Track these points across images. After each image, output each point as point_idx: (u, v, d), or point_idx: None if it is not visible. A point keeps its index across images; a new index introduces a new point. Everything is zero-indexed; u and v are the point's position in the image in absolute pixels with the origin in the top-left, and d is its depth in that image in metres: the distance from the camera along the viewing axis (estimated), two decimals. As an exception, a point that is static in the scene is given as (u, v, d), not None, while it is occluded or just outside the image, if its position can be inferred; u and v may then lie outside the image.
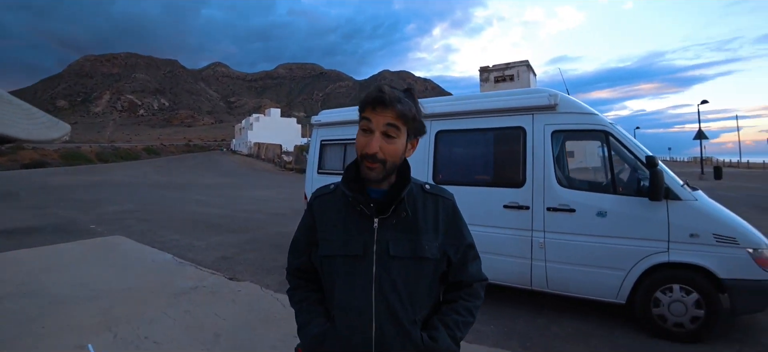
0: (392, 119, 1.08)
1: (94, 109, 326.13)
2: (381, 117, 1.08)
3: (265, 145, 51.64)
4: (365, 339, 1.10)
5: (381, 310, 1.10)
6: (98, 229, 8.63)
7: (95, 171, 32.40)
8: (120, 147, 61.77)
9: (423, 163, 4.60)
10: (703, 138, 25.84)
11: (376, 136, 1.09)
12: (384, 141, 1.09)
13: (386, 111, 1.08)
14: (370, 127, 1.09)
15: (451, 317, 1.17)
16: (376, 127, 1.09)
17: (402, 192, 1.13)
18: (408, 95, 1.13)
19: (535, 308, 4.20)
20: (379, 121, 1.08)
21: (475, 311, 1.22)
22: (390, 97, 1.07)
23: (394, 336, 1.10)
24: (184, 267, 5.67)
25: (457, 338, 1.16)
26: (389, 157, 1.10)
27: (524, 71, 29.99)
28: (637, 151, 3.73)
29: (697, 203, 3.51)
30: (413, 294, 1.13)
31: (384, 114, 1.08)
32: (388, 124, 1.08)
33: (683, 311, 3.43)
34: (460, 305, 1.21)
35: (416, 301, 1.14)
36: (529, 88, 5.25)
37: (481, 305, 1.25)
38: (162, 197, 15.57)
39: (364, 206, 1.13)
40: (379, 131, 1.09)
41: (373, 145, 1.08)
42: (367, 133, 1.10)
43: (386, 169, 1.11)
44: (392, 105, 1.07)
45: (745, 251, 3.32)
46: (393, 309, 1.10)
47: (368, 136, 1.10)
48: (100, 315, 3.85)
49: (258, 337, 3.50)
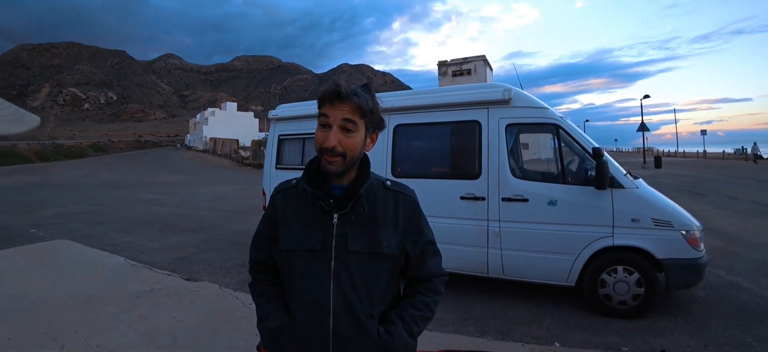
0: (349, 113, 1.10)
1: (31, 104, 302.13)
2: (338, 111, 1.10)
3: (221, 141, 49.99)
4: (322, 333, 1.12)
5: (338, 304, 1.12)
6: (39, 233, 8.06)
7: (34, 171, 30.18)
8: (63, 144, 57.71)
9: (382, 156, 4.64)
10: (645, 130, 27.64)
11: (334, 130, 1.10)
12: (342, 135, 1.10)
13: (343, 105, 1.09)
14: (328, 122, 1.10)
15: (409, 311, 1.20)
16: (334, 122, 1.10)
17: (361, 188, 1.15)
18: (365, 90, 1.14)
19: (492, 294, 4.37)
20: (337, 115, 1.10)
21: (433, 306, 1.24)
22: (347, 91, 1.09)
23: (351, 330, 1.12)
24: (137, 270, 5.43)
25: (413, 332, 1.18)
26: (348, 150, 1.11)
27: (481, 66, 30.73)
28: (585, 143, 3.95)
29: (639, 190, 3.79)
30: (371, 289, 1.16)
31: (341, 108, 1.09)
32: (346, 119, 1.10)
33: (626, 290, 3.71)
34: (418, 299, 1.23)
35: (374, 296, 1.17)
36: (485, 83, 5.41)
37: (440, 300, 1.28)
38: (112, 197, 14.76)
39: (324, 202, 1.14)
40: (337, 125, 1.10)
41: (332, 139, 1.09)
42: (326, 128, 1.11)
43: (346, 163, 1.12)
44: (349, 99, 1.09)
45: (679, 233, 3.63)
46: (350, 303, 1.13)
47: (327, 131, 1.11)
48: (44, 327, 3.62)
49: (218, 337, 3.43)
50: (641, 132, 27.91)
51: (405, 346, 1.16)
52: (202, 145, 58.43)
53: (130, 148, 68.51)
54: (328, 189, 1.17)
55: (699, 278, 3.73)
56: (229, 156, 44.24)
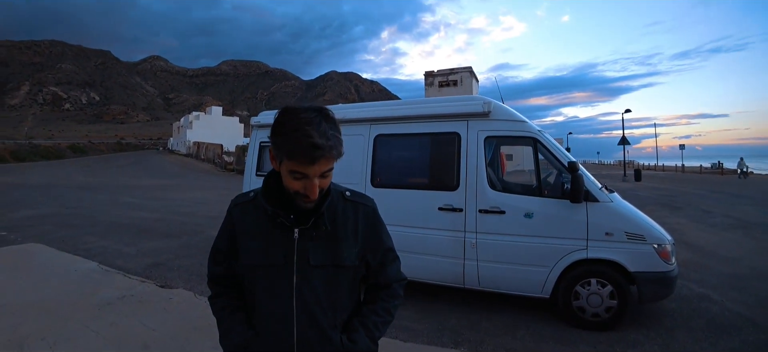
0: (327, 166, 1.05)
1: (9, 102, 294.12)
2: (318, 167, 1.03)
3: (204, 145, 49.39)
4: (287, 345, 1.13)
5: (302, 317, 1.13)
6: (10, 236, 7.81)
7: (9, 171, 29.33)
8: (40, 144, 56.20)
9: (361, 166, 4.65)
10: (626, 144, 28.35)
11: (315, 182, 1.05)
12: (321, 181, 1.07)
13: (323, 162, 1.03)
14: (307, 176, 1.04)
15: (371, 318, 1.23)
16: (313, 176, 1.04)
17: (322, 206, 1.14)
18: (329, 122, 1.05)
19: (467, 305, 4.39)
20: (316, 171, 1.04)
21: (393, 310, 1.28)
22: (327, 148, 1.01)
23: (315, 341, 1.14)
24: (110, 276, 5.30)
25: (375, 337, 1.22)
26: (326, 187, 1.12)
27: (467, 77, 31.14)
28: (561, 156, 4.03)
29: (613, 204, 3.87)
30: (334, 300, 1.18)
31: (321, 163, 1.03)
32: (323, 173, 1.06)
33: (599, 302, 3.77)
34: (378, 305, 1.26)
35: (337, 306, 1.19)
36: (465, 95, 5.47)
37: (400, 303, 1.31)
38: (88, 200, 14.41)
39: (284, 219, 1.14)
40: (316, 177, 1.05)
41: (315, 191, 1.06)
42: (301, 178, 1.05)
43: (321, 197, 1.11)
44: (329, 153, 1.02)
45: (651, 246, 3.71)
46: (314, 316, 1.14)
47: (303, 181, 1.05)
48: (9, 332, 3.50)
49: (191, 346, 3.36)
50: (622, 145, 28.59)
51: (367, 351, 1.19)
52: (186, 150, 57.63)
53: (110, 150, 67.13)
54: (287, 204, 1.16)
55: (670, 291, 3.82)
56: (213, 161, 43.71)
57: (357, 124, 4.80)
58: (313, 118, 1.02)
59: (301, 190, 1.06)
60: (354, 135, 4.76)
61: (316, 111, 1.05)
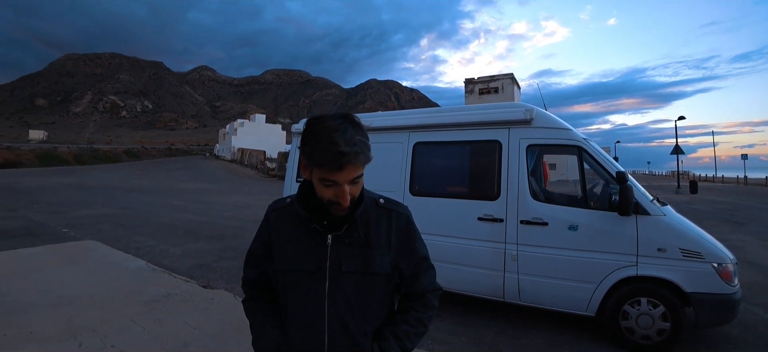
0: (356, 172, 1.04)
1: (74, 109, 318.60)
2: (347, 174, 1.03)
3: (248, 151, 51.16)
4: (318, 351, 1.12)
5: (333, 324, 1.12)
6: (70, 233, 8.40)
7: (72, 173, 31.61)
8: (99, 149, 60.39)
9: (400, 174, 4.62)
10: (680, 153, 26.64)
11: (345, 189, 1.05)
12: (352, 187, 1.07)
13: (351, 168, 1.03)
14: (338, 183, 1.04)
15: (402, 327, 1.20)
16: (343, 182, 1.04)
17: (355, 212, 1.13)
18: (355, 128, 1.05)
19: (507, 320, 4.23)
20: (346, 178, 1.03)
21: (427, 321, 1.25)
22: (353, 154, 1.01)
23: (345, 348, 1.12)
24: (157, 274, 5.55)
25: (406, 348, 1.19)
26: (357, 193, 1.11)
27: (509, 84, 30.51)
28: (609, 166, 3.82)
29: (666, 218, 3.60)
30: (365, 308, 1.16)
31: (349, 170, 1.03)
32: (352, 180, 1.05)
33: (650, 323, 3.50)
34: (411, 315, 1.23)
35: (368, 314, 1.17)
36: (507, 102, 5.33)
37: (434, 314, 1.28)
38: (140, 202, 15.26)
39: (318, 224, 1.14)
40: (347, 185, 1.05)
41: (347, 199, 1.06)
42: (331, 185, 1.05)
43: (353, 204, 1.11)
44: (357, 161, 1.02)
45: (710, 265, 3.41)
46: (345, 323, 1.13)
47: (335, 189, 1.05)
48: (65, 323, 3.74)
49: (228, 346, 3.44)
50: (675, 155, 26.92)
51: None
52: (230, 155, 59.92)
53: (161, 155, 71.00)
54: (322, 210, 1.16)
55: (732, 316, 3.49)
56: (256, 167, 45.17)
57: (396, 132, 4.78)
58: (339, 125, 1.02)
59: (332, 197, 1.06)
60: (393, 142, 4.74)
61: (341, 118, 1.05)
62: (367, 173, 1.19)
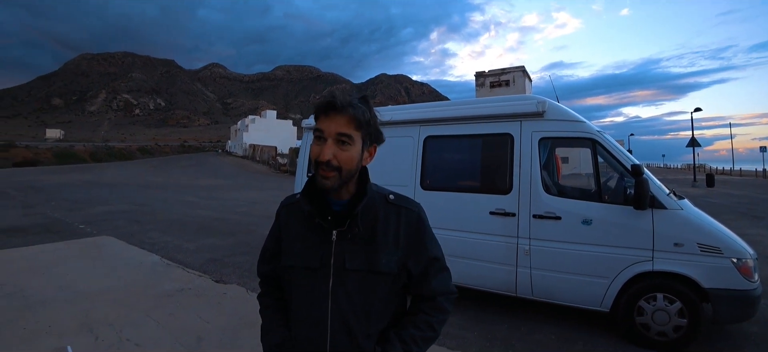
0: (344, 126, 1.05)
1: (89, 108, 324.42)
2: (333, 124, 1.05)
3: (260, 147, 51.52)
4: (321, 350, 1.10)
5: (336, 322, 1.10)
6: (87, 229, 8.56)
7: (88, 170, 32.19)
8: (114, 146, 61.42)
9: (411, 168, 4.59)
10: (695, 145, 26.07)
11: (329, 143, 1.05)
12: (338, 148, 1.06)
13: (338, 117, 1.05)
14: (323, 135, 1.06)
15: (409, 331, 1.16)
16: (329, 135, 1.05)
17: (356, 206, 1.11)
18: (363, 102, 1.09)
19: (519, 315, 4.19)
20: (331, 128, 1.05)
21: (437, 326, 1.20)
22: (341, 102, 1.04)
23: (347, 348, 1.10)
24: (171, 269, 5.63)
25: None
26: (344, 164, 1.07)
27: (520, 77, 30.16)
28: (624, 159, 3.74)
29: (683, 212, 3.51)
30: (369, 307, 1.13)
31: (336, 120, 1.05)
32: (341, 133, 1.05)
33: (666, 319, 3.43)
34: (420, 318, 1.19)
35: (372, 314, 1.13)
36: (518, 94, 5.24)
37: (446, 318, 1.22)
38: (154, 198, 15.48)
39: (321, 220, 1.12)
40: (331, 138, 1.05)
41: (326, 152, 1.05)
42: (321, 141, 1.07)
43: (342, 178, 1.08)
44: (344, 110, 1.04)
45: (729, 260, 3.32)
46: (347, 322, 1.10)
47: (321, 144, 1.06)
48: (82, 317, 3.82)
49: (241, 340, 3.47)
50: (691, 148, 26.34)
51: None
52: (242, 152, 60.43)
53: (174, 152, 71.91)
54: (326, 205, 1.15)
55: (752, 312, 3.39)
56: (267, 162, 45.48)
57: (407, 126, 4.75)
58: (350, 94, 1.09)
59: (318, 156, 1.06)
60: (404, 137, 4.71)
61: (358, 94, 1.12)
62: (376, 168, 1.17)
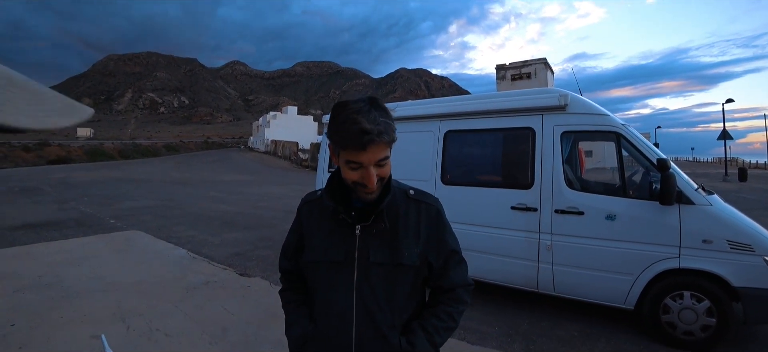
0: (382, 152, 1.05)
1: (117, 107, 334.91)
2: (372, 155, 1.03)
3: (281, 143, 52.14)
4: (345, 343, 1.14)
5: (361, 315, 1.13)
6: (117, 224, 8.87)
7: (117, 167, 33.25)
8: (141, 144, 63.25)
9: (431, 163, 4.59)
10: (727, 138, 25.00)
11: (371, 171, 1.05)
12: (378, 169, 1.07)
13: (375, 147, 1.03)
14: (362, 165, 1.05)
15: (431, 322, 1.19)
16: (368, 164, 1.05)
17: (382, 202, 1.13)
18: (379, 110, 1.05)
19: (541, 310, 4.16)
20: (371, 158, 1.04)
21: (457, 316, 1.22)
22: (377, 132, 1.00)
23: (372, 340, 1.13)
24: (197, 262, 5.80)
25: (435, 342, 1.17)
26: (385, 176, 1.11)
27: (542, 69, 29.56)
28: (649, 153, 3.65)
29: (712, 207, 3.41)
30: (393, 300, 1.16)
31: (373, 151, 1.03)
32: (377, 162, 1.05)
33: (694, 318, 3.35)
34: (440, 309, 1.22)
35: (396, 306, 1.16)
36: (540, 88, 5.15)
37: (465, 309, 1.25)
38: (179, 193, 15.89)
39: (346, 215, 1.16)
40: (372, 166, 1.05)
41: (373, 181, 1.06)
42: (357, 167, 1.06)
43: (382, 186, 1.12)
44: (380, 139, 1.02)
45: (762, 258, 3.21)
46: (372, 314, 1.13)
47: (360, 171, 1.06)
48: (115, 307, 3.98)
49: (264, 332, 3.56)
50: (723, 140, 25.29)
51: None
52: (264, 147, 61.28)
53: (198, 148, 73.56)
54: (349, 201, 1.18)
55: None
56: (289, 158, 46.04)
57: (427, 121, 4.75)
58: (362, 107, 1.03)
59: (359, 180, 1.06)
60: (424, 131, 4.71)
61: (365, 101, 1.05)
62: (397, 162, 1.19)
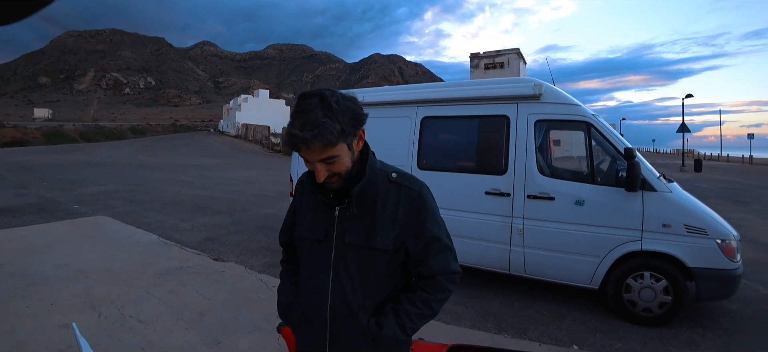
0: (321, 152, 1.05)
1: (77, 87, 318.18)
2: (311, 154, 1.06)
3: (253, 127, 51.11)
4: (320, 316, 1.20)
5: (335, 292, 1.19)
6: (81, 209, 8.54)
7: (79, 150, 31.81)
8: (105, 126, 60.57)
9: (407, 148, 4.65)
10: (685, 131, 26.37)
11: (318, 168, 1.09)
12: (327, 166, 1.09)
13: (310, 150, 1.04)
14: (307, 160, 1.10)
15: (405, 307, 1.20)
16: (312, 161, 1.08)
17: (352, 188, 1.15)
18: (325, 109, 1.03)
19: (512, 292, 4.33)
20: (313, 157, 1.07)
21: (434, 304, 1.21)
22: (303, 139, 1.01)
23: (343, 317, 1.18)
24: (169, 248, 5.69)
25: (405, 327, 1.18)
26: (339, 171, 1.12)
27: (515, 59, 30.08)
28: (617, 142, 3.83)
29: (672, 194, 3.63)
30: (366, 281, 1.19)
31: (311, 152, 1.05)
32: (323, 159, 1.07)
33: (652, 297, 3.59)
34: (417, 296, 1.22)
35: (369, 287, 1.19)
36: (514, 77, 5.27)
37: (446, 297, 1.24)
38: (147, 178, 15.39)
39: (324, 197, 1.20)
40: (318, 163, 1.08)
41: (321, 176, 1.09)
42: (309, 162, 1.10)
43: (343, 177, 1.14)
44: (312, 144, 1.01)
45: (714, 241, 3.46)
46: (345, 293, 1.18)
47: (309, 165, 1.11)
48: (84, 295, 3.87)
49: (241, 316, 3.56)
50: (681, 133, 26.65)
51: (394, 340, 1.17)
52: (235, 131, 59.92)
53: (166, 131, 71.11)
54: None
55: (733, 291, 3.56)
56: (260, 142, 45.21)
57: (403, 107, 4.79)
58: (308, 106, 1.02)
59: (317, 178, 1.10)
60: (401, 117, 4.75)
61: (316, 97, 1.04)
62: (373, 147, 1.23)
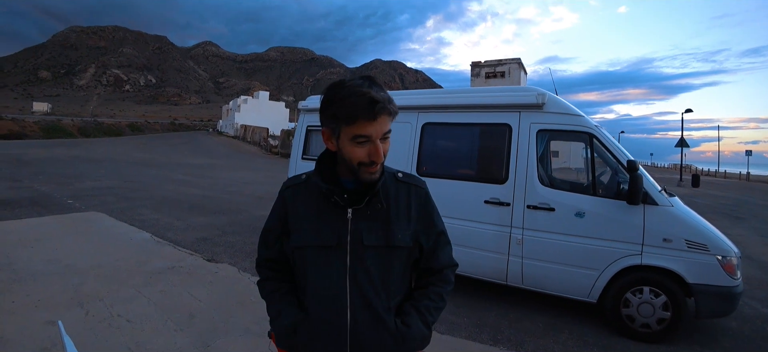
0: (387, 124, 1.06)
1: (78, 82, 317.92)
2: (379, 126, 1.04)
3: (251, 128, 51.07)
4: (340, 328, 1.11)
5: (355, 299, 1.12)
6: (75, 204, 8.45)
7: (76, 145, 31.66)
8: (103, 122, 60.44)
9: (408, 154, 4.60)
10: (684, 146, 26.41)
11: (378, 145, 1.05)
12: (383, 144, 1.07)
13: (382, 117, 1.04)
14: (370, 139, 1.05)
15: (424, 302, 1.21)
16: (376, 137, 1.05)
17: (377, 185, 1.12)
18: (377, 86, 1.07)
19: (508, 303, 4.26)
20: (378, 130, 1.04)
21: (445, 296, 1.25)
22: (387, 100, 1.03)
23: (368, 323, 1.12)
24: (162, 247, 5.60)
25: (429, 322, 1.19)
26: (386, 155, 1.10)
27: (515, 69, 30.19)
28: (619, 154, 3.78)
29: (673, 209, 3.58)
30: (387, 282, 1.15)
31: (381, 121, 1.04)
32: (386, 132, 1.06)
33: (651, 312, 3.53)
34: (431, 290, 1.24)
35: (390, 288, 1.16)
36: (518, 86, 5.24)
37: (451, 289, 1.28)
38: (143, 175, 15.29)
39: (338, 197, 1.13)
40: (379, 139, 1.05)
41: (381, 155, 1.06)
42: (364, 142, 1.05)
43: (383, 167, 1.12)
44: (390, 108, 1.04)
45: (715, 257, 3.41)
46: (367, 297, 1.12)
47: (367, 146, 1.06)
48: (72, 292, 3.79)
49: (233, 319, 3.48)
50: (680, 148, 26.69)
51: (421, 337, 1.17)
52: (233, 132, 59.84)
53: (164, 129, 71.01)
54: (340, 184, 1.16)
55: (732, 308, 3.50)
56: (259, 144, 45.15)
57: (405, 112, 4.73)
58: (363, 82, 1.05)
59: (365, 158, 1.06)
60: (401, 122, 4.70)
61: (363, 78, 1.07)
62: None
